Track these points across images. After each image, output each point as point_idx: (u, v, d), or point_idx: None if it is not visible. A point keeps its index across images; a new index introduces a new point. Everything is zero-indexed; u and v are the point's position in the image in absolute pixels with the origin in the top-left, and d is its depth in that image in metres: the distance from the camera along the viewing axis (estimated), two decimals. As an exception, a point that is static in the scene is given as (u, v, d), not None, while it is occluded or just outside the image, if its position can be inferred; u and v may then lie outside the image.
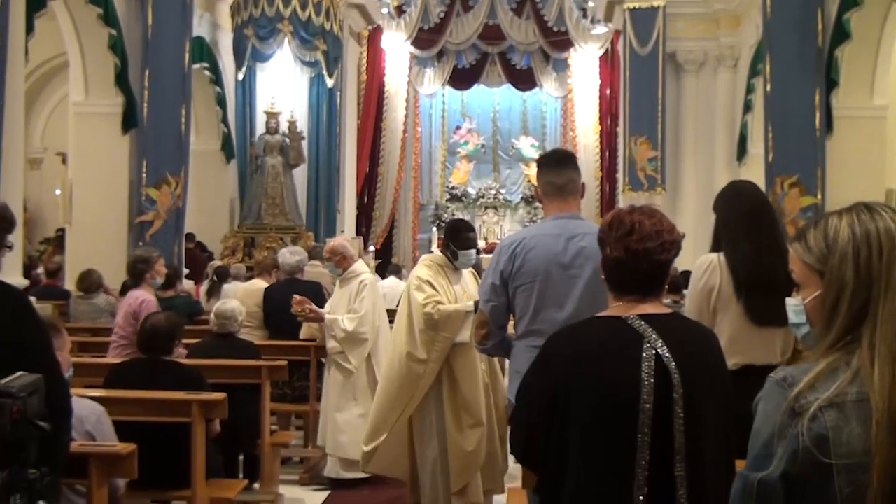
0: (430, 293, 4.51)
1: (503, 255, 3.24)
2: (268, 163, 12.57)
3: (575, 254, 3.17)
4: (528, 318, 3.20)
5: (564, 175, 3.30)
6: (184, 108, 10.25)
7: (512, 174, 18.81)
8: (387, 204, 17.53)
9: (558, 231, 3.22)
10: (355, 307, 5.67)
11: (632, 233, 2.05)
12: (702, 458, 1.94)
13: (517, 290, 3.21)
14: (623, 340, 1.99)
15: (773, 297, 3.00)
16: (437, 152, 18.72)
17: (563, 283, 3.15)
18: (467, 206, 18.29)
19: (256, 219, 12.62)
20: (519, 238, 3.28)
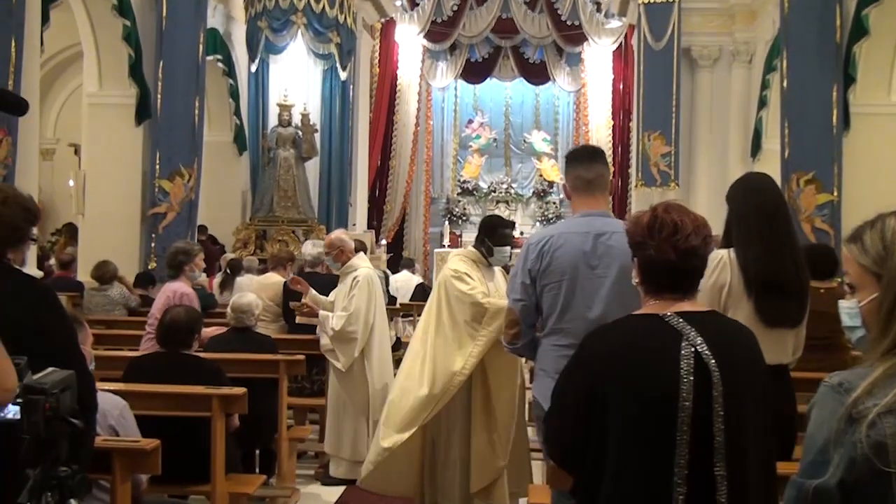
0: (474, 284, 4.43)
1: (531, 253, 3.23)
2: (280, 155, 12.57)
3: (602, 253, 3.15)
4: (555, 316, 3.19)
5: (594, 169, 3.29)
6: (197, 99, 10.25)
7: (524, 168, 18.71)
8: (398, 197, 17.46)
9: (586, 228, 3.21)
10: (345, 304, 5.61)
11: (676, 232, 2.03)
12: (742, 458, 1.92)
13: (544, 289, 3.20)
14: (661, 338, 1.98)
15: (784, 298, 3.10)
16: (448, 146, 18.61)
17: (590, 283, 3.14)
18: (479, 201, 18.27)
19: (268, 211, 12.61)
20: (546, 235, 3.27)
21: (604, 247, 3.16)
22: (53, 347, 2.26)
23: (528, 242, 3.29)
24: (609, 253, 3.14)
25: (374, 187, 16.98)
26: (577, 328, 3.10)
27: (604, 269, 3.14)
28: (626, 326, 2.07)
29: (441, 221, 17.76)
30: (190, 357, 4.32)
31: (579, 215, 3.28)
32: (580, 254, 3.16)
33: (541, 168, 18.26)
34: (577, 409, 2.01)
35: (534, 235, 3.35)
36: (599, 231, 3.18)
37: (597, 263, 3.15)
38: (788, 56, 10.13)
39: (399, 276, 11.30)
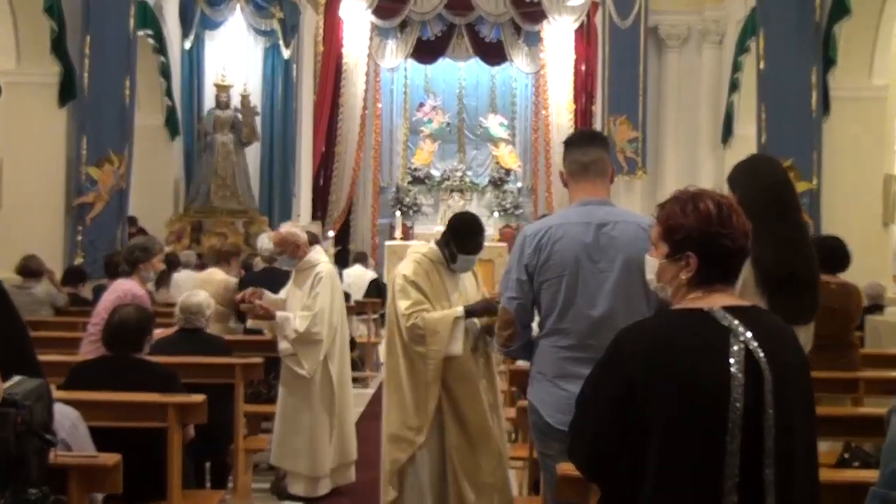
0: (415, 299, 4.33)
1: (527, 246, 3.22)
2: (217, 140, 12.46)
3: (605, 245, 3.14)
4: (555, 315, 3.18)
5: (592, 153, 3.29)
6: (128, 79, 10.09)
7: (479, 155, 18.66)
8: (344, 186, 17.30)
9: (587, 218, 3.20)
10: (308, 304, 5.54)
11: (740, 216, 2.05)
12: (792, 462, 1.93)
13: (542, 285, 3.20)
14: (708, 334, 1.97)
15: (798, 295, 3.13)
16: (398, 131, 18.45)
17: (593, 278, 3.14)
18: (431, 189, 18.18)
19: (205, 202, 12.50)
20: (544, 227, 3.25)
21: (606, 238, 3.15)
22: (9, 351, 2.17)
23: (523, 234, 3.28)
24: (612, 245, 3.13)
25: (319, 175, 16.88)
26: (579, 327, 3.11)
27: (607, 262, 3.13)
28: (669, 322, 2.05)
29: (390, 212, 17.64)
30: (141, 361, 4.22)
31: (578, 204, 3.27)
32: (581, 246, 3.15)
33: (497, 155, 18.22)
34: (613, 414, 1.98)
35: (529, 227, 3.34)
36: (601, 221, 3.18)
37: (599, 257, 3.14)
38: (765, 36, 10.27)
39: (351, 270, 11.30)
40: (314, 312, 5.49)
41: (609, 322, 3.00)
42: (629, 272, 3.09)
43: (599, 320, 3.08)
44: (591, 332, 3.08)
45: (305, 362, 5.52)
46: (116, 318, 4.21)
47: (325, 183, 17.25)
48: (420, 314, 4.28)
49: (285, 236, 5.71)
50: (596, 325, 3.07)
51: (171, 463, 3.91)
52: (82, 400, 3.79)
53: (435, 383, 4.27)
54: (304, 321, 5.48)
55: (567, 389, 3.05)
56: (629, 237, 3.12)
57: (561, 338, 3.17)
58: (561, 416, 3.03)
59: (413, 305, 4.29)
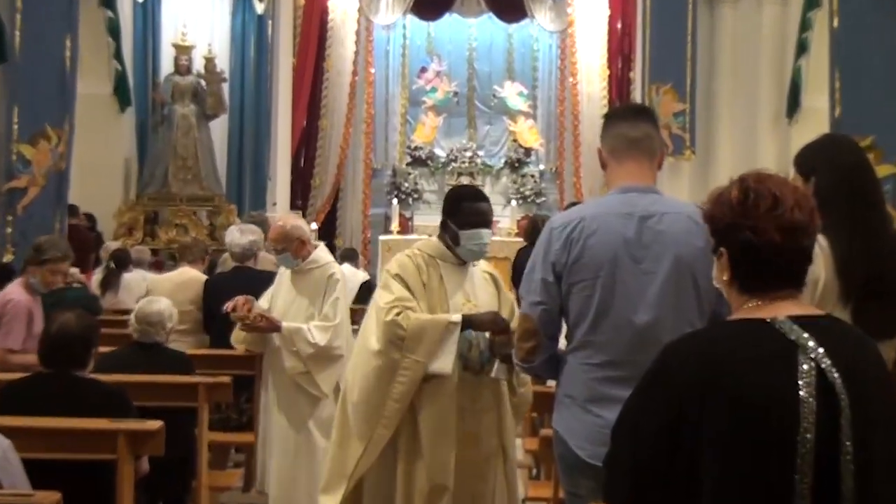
0: (399, 295, 4.23)
1: (555, 240, 3.26)
2: (177, 113, 12.62)
3: (650, 241, 3.19)
4: (587, 325, 3.22)
5: (641, 127, 3.35)
6: (69, 38, 10.00)
7: (493, 131, 18.62)
8: (330, 168, 17.27)
9: (628, 208, 3.24)
10: (327, 312, 5.56)
11: (777, 205, 2.05)
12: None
13: (573, 288, 3.24)
14: (772, 350, 1.98)
15: (887, 303, 3.15)
16: (395, 101, 18.40)
17: (635, 280, 3.18)
18: (434, 173, 18.14)
19: (161, 186, 12.66)
20: (575, 217, 3.28)
21: (651, 233, 3.20)
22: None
23: (549, 226, 3.32)
24: (659, 240, 3.18)
25: (299, 155, 16.87)
26: (617, 341, 3.16)
27: (652, 261, 3.18)
28: (724, 335, 2.06)
29: (385, 200, 17.69)
30: (86, 381, 4.21)
31: (617, 191, 3.31)
32: (621, 242, 3.19)
33: (515, 131, 18.18)
34: (658, 445, 2.00)
35: (557, 217, 3.38)
36: (646, 212, 3.22)
37: (643, 255, 3.19)
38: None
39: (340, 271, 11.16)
40: (335, 323, 5.53)
41: (653, 334, 3.04)
42: (678, 274, 3.14)
43: (641, 332, 3.11)
44: (631, 345, 3.13)
45: (323, 382, 5.54)
46: (55, 329, 4.18)
47: (307, 165, 17.21)
48: (405, 311, 4.18)
49: (289, 230, 5.69)
50: (637, 338, 3.11)
51: (121, 502, 3.89)
52: (14, 426, 3.78)
53: (399, 402, 4.15)
54: (323, 333, 5.52)
55: (601, 416, 3.09)
56: (679, 232, 3.17)
57: (594, 353, 3.21)
58: (593, 447, 3.07)
59: (397, 301, 4.21)
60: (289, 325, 5.56)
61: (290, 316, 5.64)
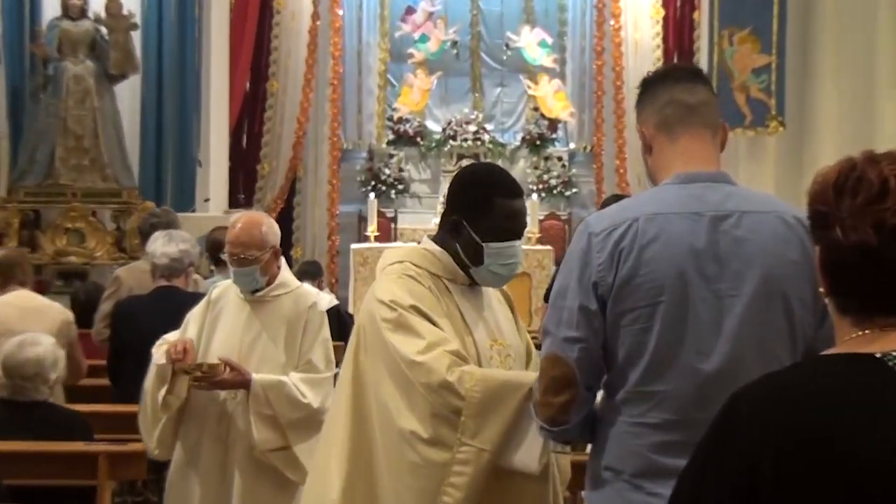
0: (432, 338, 3.94)
1: (596, 251, 3.29)
2: (67, 72, 12.52)
3: (728, 252, 3.26)
4: (640, 371, 3.27)
5: (698, 92, 3.45)
6: None
7: (506, 96, 18.76)
8: (282, 150, 17.31)
9: (695, 206, 3.29)
10: (314, 360, 5.62)
11: (883, 197, 2.11)
12: None
13: (621, 320, 3.28)
14: (881, 394, 2.07)
15: None
16: (371, 55, 18.58)
17: (708, 308, 3.24)
18: (425, 154, 18.20)
19: (45, 177, 12.60)
20: (624, 219, 3.30)
21: (729, 240, 3.26)
22: None
23: (586, 231, 3.35)
24: (740, 252, 3.25)
25: (240, 131, 17.05)
26: (683, 392, 3.23)
27: (732, 281, 3.24)
28: (818, 374, 2.17)
29: (359, 194, 17.75)
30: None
31: (675, 180, 3.35)
32: (688, 254, 3.25)
33: (536, 95, 18.18)
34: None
35: (597, 218, 3.43)
36: (719, 211, 3.27)
37: (718, 272, 3.24)
38: None
39: None
40: (327, 376, 5.65)
41: (729, 381, 2.94)
42: (767, 299, 3.20)
43: (716, 379, 3.15)
44: (701, 398, 3.17)
45: (306, 461, 5.41)
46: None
47: (251, 145, 17.36)
48: (455, 362, 3.91)
49: (265, 234, 5.68)
50: (710, 388, 3.15)
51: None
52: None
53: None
54: (316, 390, 5.61)
55: (658, 494, 3.13)
56: (766, 239, 3.26)
57: (650, 409, 3.26)
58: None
59: (431, 347, 3.92)
60: (263, 379, 5.55)
61: (244, 364, 5.61)
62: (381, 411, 4.00)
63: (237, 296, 5.70)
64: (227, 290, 5.78)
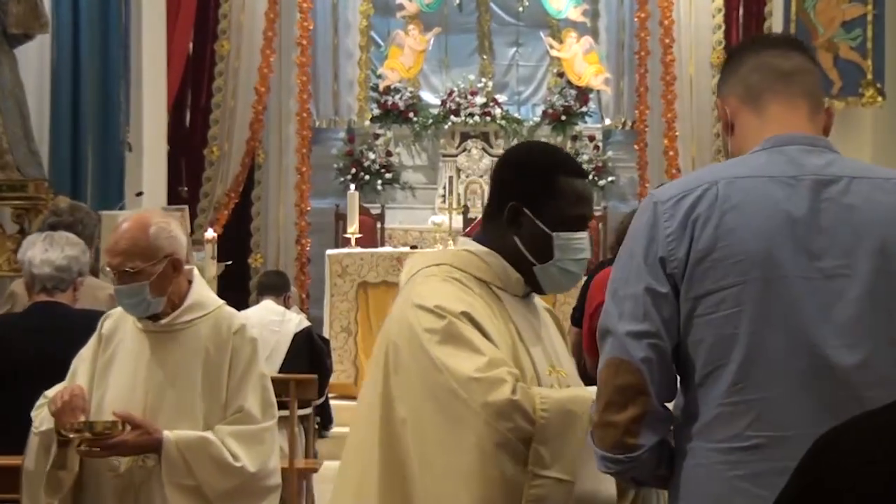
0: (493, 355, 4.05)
1: (663, 222, 3.39)
2: None
3: (835, 221, 3.31)
4: (732, 373, 3.31)
5: (793, 58, 3.55)
6: None
7: (523, 59, 19.11)
8: (237, 130, 17.46)
9: (791, 169, 3.38)
10: (247, 406, 5.49)
11: None
12: None
13: (698, 306, 3.33)
14: None
15: None
16: (349, 7, 18.99)
17: (814, 290, 3.29)
18: (420, 134, 18.58)
19: None
20: (700, 182, 3.43)
21: (836, 209, 3.32)
22: None
23: (650, 200, 3.49)
24: (849, 221, 3.30)
25: (182, 106, 17.25)
26: (789, 399, 3.27)
27: (839, 257, 3.29)
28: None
29: (336, 185, 18.12)
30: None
31: (767, 146, 3.44)
32: (784, 223, 3.31)
33: (562, 58, 18.42)
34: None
35: (666, 188, 3.55)
36: (822, 175, 3.35)
37: (823, 245, 3.30)
38: None
39: (254, 313, 11.03)
40: (267, 426, 5.58)
41: (849, 384, 3.17)
42: (889, 279, 3.24)
43: (829, 381, 3.20)
44: (812, 407, 3.23)
45: None
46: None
47: (196, 122, 17.58)
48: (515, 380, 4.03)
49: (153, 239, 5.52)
50: (823, 392, 3.23)
51: None
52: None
53: None
54: (251, 448, 5.50)
55: None
56: (883, 207, 3.32)
57: (749, 424, 3.27)
58: None
59: (494, 364, 4.03)
60: (179, 438, 5.41)
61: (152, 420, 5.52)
62: (422, 448, 4.07)
63: (135, 326, 5.57)
64: (123, 319, 5.67)
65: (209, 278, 12.82)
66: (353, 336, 14.51)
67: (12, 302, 8.07)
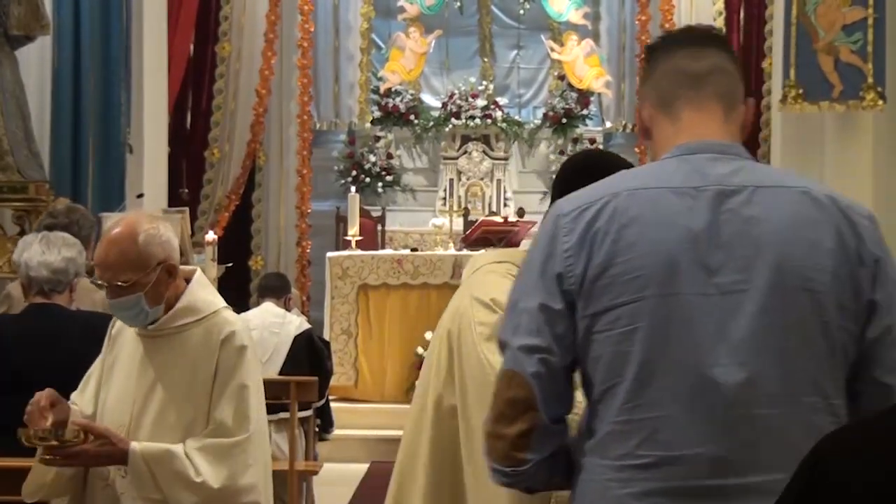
0: None
1: (563, 236, 3.40)
2: None
3: (735, 235, 3.31)
4: (624, 392, 3.32)
5: (706, 58, 3.53)
6: None
7: (524, 62, 19.11)
8: (238, 132, 17.45)
9: (692, 179, 3.38)
10: (221, 418, 5.38)
11: None
12: None
13: (596, 323, 3.34)
14: None
15: None
16: (350, 9, 18.97)
17: (710, 307, 3.29)
18: (421, 136, 18.60)
19: None
20: (599, 195, 3.42)
21: (737, 221, 3.32)
22: None
23: (555, 213, 3.49)
24: (750, 234, 3.30)
25: (183, 108, 17.24)
26: (680, 419, 3.29)
27: (740, 272, 3.28)
28: None
29: (337, 188, 18.12)
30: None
31: (674, 152, 3.44)
32: (682, 237, 3.31)
33: (563, 61, 18.40)
34: None
35: (566, 200, 3.53)
36: (725, 185, 3.35)
37: (722, 260, 3.29)
38: None
39: (255, 315, 11.18)
40: (240, 439, 5.42)
41: (741, 404, 3.19)
42: (788, 295, 3.24)
43: (729, 400, 3.20)
44: (703, 428, 3.25)
45: None
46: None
47: (197, 124, 17.58)
48: None
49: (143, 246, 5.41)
50: (714, 413, 3.23)
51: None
52: None
53: None
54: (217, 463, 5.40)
55: None
56: (788, 220, 3.31)
57: (640, 442, 3.28)
58: None
59: None
60: (146, 450, 5.32)
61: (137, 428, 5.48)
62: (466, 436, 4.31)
63: (133, 329, 5.52)
64: None
65: (210, 280, 12.82)
66: (353, 338, 14.55)
67: (9, 303, 8.06)
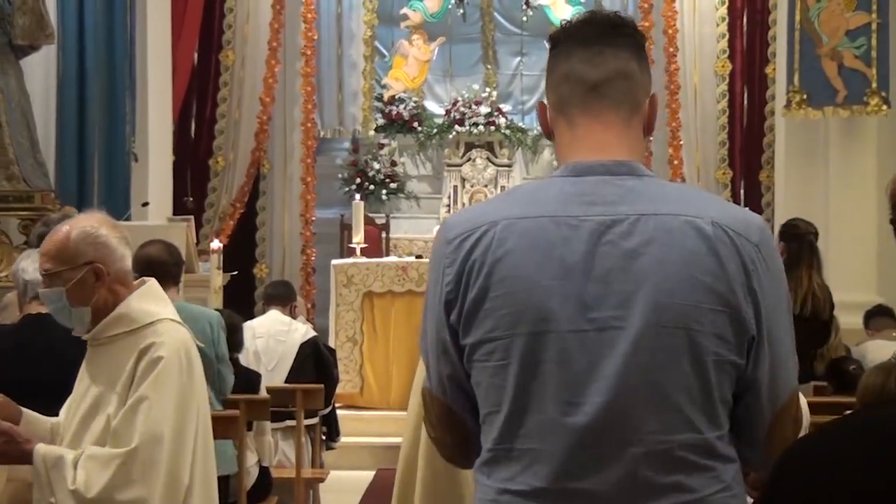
0: None
1: (443, 266, 3.41)
2: None
3: (612, 270, 3.25)
4: (501, 423, 3.34)
5: (604, 64, 3.42)
6: None
7: (527, 67, 19.12)
8: (242, 140, 17.46)
9: (577, 207, 3.31)
10: (117, 428, 5.29)
11: None
12: None
13: (475, 353, 3.35)
14: None
15: None
16: (353, 19, 18.85)
17: (582, 344, 3.25)
18: (425, 143, 18.55)
19: None
20: (479, 224, 3.39)
21: (616, 255, 3.26)
22: None
23: (443, 235, 3.48)
24: (628, 270, 3.25)
25: (187, 116, 17.23)
26: (553, 453, 3.26)
27: (616, 309, 3.23)
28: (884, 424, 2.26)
29: (340, 196, 18.07)
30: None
31: (565, 173, 3.41)
32: (557, 271, 3.27)
33: None
34: None
35: (451, 221, 3.54)
36: (608, 215, 3.28)
37: (598, 296, 3.24)
38: None
39: (261, 323, 11.30)
40: (128, 450, 5.26)
41: (607, 441, 3.17)
42: (663, 333, 3.18)
43: (591, 434, 3.19)
44: (575, 460, 3.22)
45: None
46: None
47: (201, 132, 17.51)
48: None
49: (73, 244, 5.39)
50: (580, 449, 3.20)
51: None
52: None
53: None
54: (98, 471, 5.28)
55: None
56: (669, 253, 3.24)
57: (519, 471, 3.28)
58: None
59: None
60: (48, 452, 5.30)
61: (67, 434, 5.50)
62: None
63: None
64: None
65: (215, 288, 12.60)
66: (358, 346, 14.54)
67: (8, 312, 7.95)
